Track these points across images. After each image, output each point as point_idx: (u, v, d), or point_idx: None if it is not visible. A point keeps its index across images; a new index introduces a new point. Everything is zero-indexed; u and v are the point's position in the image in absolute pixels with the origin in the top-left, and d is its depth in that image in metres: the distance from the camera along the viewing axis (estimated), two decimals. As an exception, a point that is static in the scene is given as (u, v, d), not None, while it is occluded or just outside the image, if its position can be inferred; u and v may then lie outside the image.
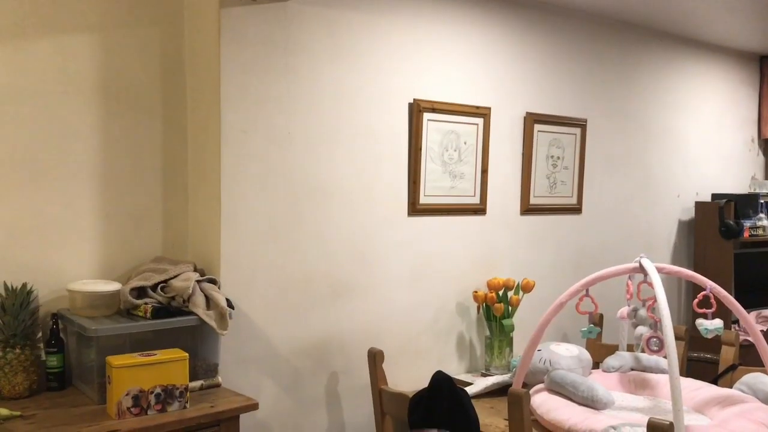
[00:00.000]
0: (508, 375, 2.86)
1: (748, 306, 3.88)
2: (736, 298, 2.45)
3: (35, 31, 2.29)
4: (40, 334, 2.28)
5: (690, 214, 4.35)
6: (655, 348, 2.30)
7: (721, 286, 2.37)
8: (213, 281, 2.40)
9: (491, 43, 3.21)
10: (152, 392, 2.04)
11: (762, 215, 4.45)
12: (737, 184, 4.68)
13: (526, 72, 3.36)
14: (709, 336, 2.30)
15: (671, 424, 1.72)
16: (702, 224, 4.28)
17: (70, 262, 2.38)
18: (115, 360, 2.03)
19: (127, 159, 2.49)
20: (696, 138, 4.36)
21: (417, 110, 2.92)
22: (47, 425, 1.93)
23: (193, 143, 2.60)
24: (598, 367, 2.74)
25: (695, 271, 3.70)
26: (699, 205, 4.32)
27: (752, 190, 4.68)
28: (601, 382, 2.46)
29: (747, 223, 4.27)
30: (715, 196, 4.37)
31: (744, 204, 4.37)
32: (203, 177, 2.55)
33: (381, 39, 2.81)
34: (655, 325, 2.33)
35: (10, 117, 2.26)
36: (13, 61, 2.25)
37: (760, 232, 4.40)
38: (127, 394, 2.00)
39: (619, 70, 3.84)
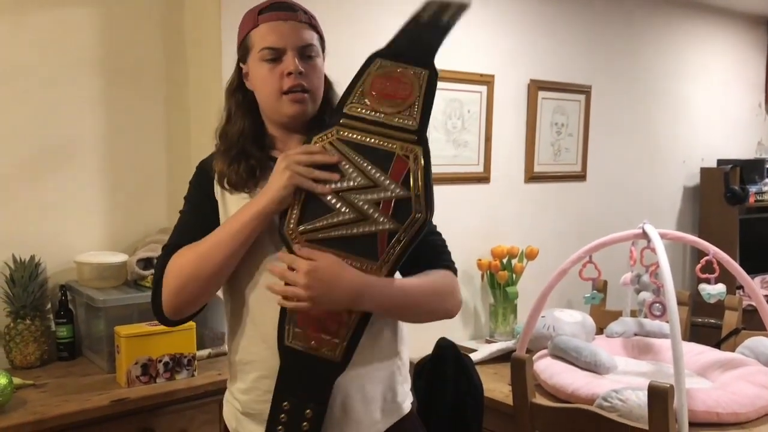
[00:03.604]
0: (513, 341, 2.88)
1: (754, 271, 3.88)
2: (742, 264, 2.44)
3: (36, 5, 2.28)
4: (49, 306, 2.32)
5: (695, 180, 4.33)
6: (658, 313, 2.31)
7: (727, 252, 2.36)
8: (218, 252, 2.41)
9: (494, 10, 3.18)
10: (161, 361, 2.08)
11: (768, 180, 4.44)
12: (743, 150, 4.66)
13: (529, 39, 3.33)
14: (712, 301, 2.31)
15: (671, 386, 1.74)
16: (707, 190, 4.26)
17: (77, 234, 2.40)
18: (123, 330, 2.06)
19: (131, 132, 2.50)
20: (702, 103, 4.33)
21: (420, 79, 2.90)
22: (59, 393, 1.97)
23: (195, 115, 2.60)
24: (601, 333, 2.76)
25: (700, 236, 3.69)
26: (704, 171, 4.30)
27: (758, 156, 4.66)
28: (604, 348, 2.48)
29: (753, 189, 4.26)
30: (720, 162, 4.34)
31: (750, 169, 4.34)
32: (206, 149, 2.54)
33: (382, 7, 2.79)
34: (658, 290, 2.34)
35: (13, 93, 2.26)
36: (14, 37, 2.25)
37: (766, 197, 4.39)
38: (136, 363, 2.04)
39: (624, 36, 3.80)
